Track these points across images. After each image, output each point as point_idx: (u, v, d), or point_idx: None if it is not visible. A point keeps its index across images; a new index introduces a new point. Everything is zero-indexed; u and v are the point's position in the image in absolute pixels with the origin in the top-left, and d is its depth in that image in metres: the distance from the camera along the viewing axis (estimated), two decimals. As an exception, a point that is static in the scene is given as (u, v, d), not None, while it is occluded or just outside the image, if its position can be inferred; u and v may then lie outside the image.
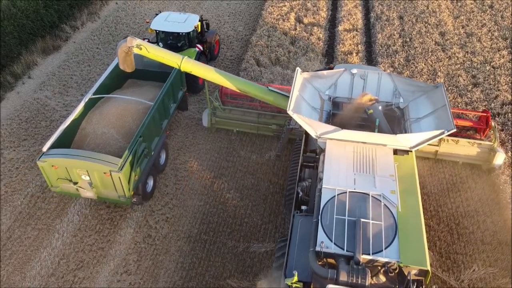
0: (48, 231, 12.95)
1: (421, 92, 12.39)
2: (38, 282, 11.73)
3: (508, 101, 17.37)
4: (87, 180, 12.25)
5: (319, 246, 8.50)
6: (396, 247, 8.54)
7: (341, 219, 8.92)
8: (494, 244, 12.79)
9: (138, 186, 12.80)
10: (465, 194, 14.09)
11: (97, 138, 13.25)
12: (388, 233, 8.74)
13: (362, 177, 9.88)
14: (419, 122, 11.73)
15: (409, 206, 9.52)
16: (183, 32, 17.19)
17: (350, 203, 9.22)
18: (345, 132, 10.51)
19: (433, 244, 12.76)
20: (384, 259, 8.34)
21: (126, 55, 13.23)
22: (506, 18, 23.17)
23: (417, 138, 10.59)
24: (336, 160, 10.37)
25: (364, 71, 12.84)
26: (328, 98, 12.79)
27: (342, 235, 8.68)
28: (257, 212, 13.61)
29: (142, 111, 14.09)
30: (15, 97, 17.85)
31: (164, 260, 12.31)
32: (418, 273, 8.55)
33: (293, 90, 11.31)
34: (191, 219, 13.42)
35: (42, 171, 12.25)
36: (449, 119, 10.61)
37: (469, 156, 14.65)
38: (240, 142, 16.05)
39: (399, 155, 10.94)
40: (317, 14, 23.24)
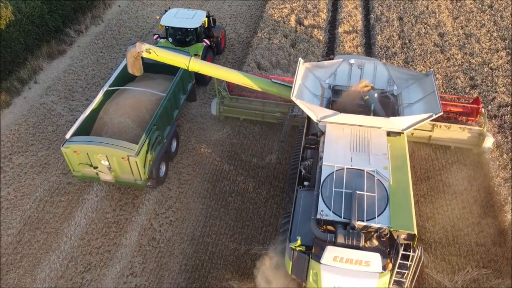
0: (57, 235, 13.45)
1: (413, 80, 13.40)
2: (48, 284, 12.24)
3: (505, 103, 17.65)
4: (106, 164, 13.29)
5: (320, 214, 9.54)
6: (387, 215, 9.53)
7: (339, 192, 9.93)
8: (488, 246, 13.17)
9: (152, 171, 13.87)
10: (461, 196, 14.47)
11: (114, 127, 14.30)
12: (381, 203, 9.73)
13: (358, 155, 10.88)
14: (411, 107, 12.69)
15: (399, 180, 10.52)
16: (191, 27, 18.16)
17: (347, 178, 10.22)
18: (343, 116, 11.53)
19: (428, 246, 13.16)
20: (376, 225, 9.36)
21: (135, 59, 13.80)
22: (505, 18, 23.35)
23: (408, 121, 11.58)
24: (335, 141, 11.34)
25: (361, 61, 13.89)
26: (328, 86, 13.83)
27: (339, 205, 9.68)
28: (258, 215, 14.04)
29: (155, 102, 15.05)
30: (22, 102, 18.31)
31: (168, 262, 12.78)
32: (407, 237, 9.50)
33: (296, 79, 12.29)
34: (194, 222, 13.87)
35: (65, 157, 13.30)
36: (437, 104, 11.55)
37: (461, 140, 15.61)
38: (241, 146, 16.45)
39: (392, 136, 11.86)
40: (317, 15, 23.50)
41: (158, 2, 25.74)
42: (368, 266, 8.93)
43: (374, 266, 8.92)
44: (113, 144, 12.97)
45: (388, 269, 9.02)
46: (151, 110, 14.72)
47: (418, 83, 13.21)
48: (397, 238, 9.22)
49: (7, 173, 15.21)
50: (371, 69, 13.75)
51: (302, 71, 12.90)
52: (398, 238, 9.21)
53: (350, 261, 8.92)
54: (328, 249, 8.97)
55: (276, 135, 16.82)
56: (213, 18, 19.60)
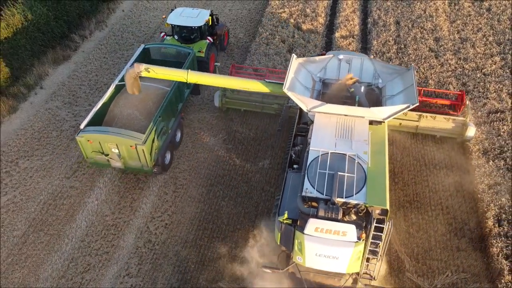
0: (59, 237, 14.30)
1: (396, 74, 14.43)
2: (50, 283, 13.11)
3: (494, 109, 17.98)
4: (116, 152, 14.61)
5: (305, 192, 10.73)
6: (364, 192, 10.68)
7: (322, 173, 11.08)
8: (469, 251, 13.69)
9: (158, 158, 15.29)
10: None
11: (124, 118, 15.58)
12: (359, 182, 10.89)
13: (342, 141, 11.98)
14: (392, 98, 13.65)
15: (377, 163, 11.63)
16: (195, 26, 19.35)
17: (330, 161, 11.37)
18: (330, 106, 12.64)
19: (411, 250, 13.72)
20: (354, 201, 10.53)
21: (134, 80, 14.43)
22: (502, 21, 23.52)
23: (388, 111, 12.64)
24: (322, 129, 12.45)
25: (349, 56, 14.99)
26: (319, 80, 14.87)
27: (322, 184, 10.84)
28: (249, 219, 14.72)
29: (161, 95, 16.24)
30: (28, 107, 19.18)
31: (162, 264, 13.55)
32: (381, 213, 10.54)
33: (288, 73, 13.35)
34: (188, 225, 14.61)
35: (80, 145, 14.69)
36: (415, 95, 12.54)
37: (445, 130, 16.82)
38: (235, 151, 17.12)
39: (374, 125, 12.93)
40: (315, 20, 23.91)
41: (160, 6, 26.39)
42: (344, 236, 10.07)
43: (350, 236, 10.06)
44: (122, 133, 14.34)
45: (362, 239, 10.17)
46: (157, 103, 15.92)
47: (400, 77, 14.26)
48: (372, 213, 10.36)
49: (13, 177, 16.10)
50: (358, 64, 14.89)
51: (295, 66, 14.05)
52: (372, 212, 10.37)
53: (329, 231, 10.10)
54: (311, 221, 10.14)
55: (270, 140, 17.49)
56: (216, 17, 20.88)
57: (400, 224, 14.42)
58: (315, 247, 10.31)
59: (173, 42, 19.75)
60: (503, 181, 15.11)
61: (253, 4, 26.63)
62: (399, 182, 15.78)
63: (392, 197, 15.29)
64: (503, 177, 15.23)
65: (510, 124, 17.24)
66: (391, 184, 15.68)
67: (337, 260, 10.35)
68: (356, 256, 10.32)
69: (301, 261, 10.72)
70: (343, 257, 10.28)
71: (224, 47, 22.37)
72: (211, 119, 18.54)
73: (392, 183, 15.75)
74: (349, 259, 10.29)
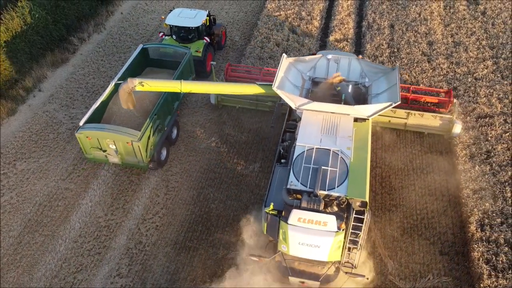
0: (53, 237, 14.76)
1: (382, 73, 15.06)
2: (43, 283, 13.58)
3: (484, 114, 18.18)
4: (114, 148, 15.29)
5: (290, 185, 11.31)
6: (345, 186, 11.24)
7: (307, 167, 11.63)
8: (451, 255, 13.98)
9: (154, 154, 15.92)
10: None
11: (121, 116, 16.31)
12: (341, 176, 11.47)
13: (327, 137, 12.55)
14: (377, 96, 14.27)
15: (359, 158, 12.23)
16: (192, 26, 20.00)
17: (315, 156, 11.92)
18: (316, 103, 13.27)
19: (394, 254, 14.03)
20: (336, 193, 11.11)
21: (128, 95, 14.75)
22: (496, 25, 23.63)
23: (371, 109, 13.21)
24: (309, 125, 13.02)
25: (338, 56, 15.63)
26: (308, 78, 15.47)
27: (307, 178, 11.40)
28: (238, 221, 15.06)
29: (157, 94, 16.65)
30: (26, 110, 19.66)
31: (152, 265, 13.97)
32: (361, 205, 11.09)
33: (278, 72, 14.01)
34: (178, 227, 15.01)
35: (79, 141, 15.41)
36: (397, 94, 13.15)
37: (433, 127, 17.35)
38: (227, 154, 17.48)
39: (359, 122, 13.50)
40: (310, 23, 24.17)
41: (158, 8, 26.76)
42: (325, 226, 10.65)
43: (330, 226, 10.64)
44: (119, 130, 15.01)
45: (342, 229, 10.73)
46: (154, 101, 16.51)
47: (385, 76, 14.85)
48: (352, 205, 10.98)
49: (10, 179, 16.59)
50: (346, 64, 15.50)
51: (285, 65, 14.72)
52: (352, 204, 10.99)
53: (311, 221, 10.68)
54: (294, 212, 10.72)
55: (261, 143, 17.84)
56: (214, 18, 21.58)
57: (385, 227, 14.73)
58: (298, 236, 10.89)
59: (171, 42, 20.38)
60: (488, 186, 15.34)
61: (249, 6, 26.93)
62: (386, 186, 16.06)
63: (378, 200, 15.64)
64: (488, 182, 15.45)
65: (498, 129, 17.43)
66: (379, 188, 16.02)
67: (318, 248, 10.95)
68: (336, 245, 10.90)
69: (286, 249, 11.32)
70: (324, 245, 10.87)
71: (221, 47, 23.06)
72: (205, 122, 18.91)
73: (379, 187, 16.07)
74: (329, 247, 10.88)
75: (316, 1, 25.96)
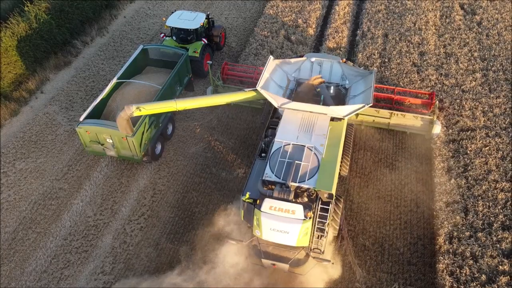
0: (45, 234, 15.80)
1: (361, 76, 16.21)
2: (33, 277, 14.62)
3: (466, 127, 18.51)
4: (111, 142, 16.53)
5: (265, 176, 12.53)
6: (315, 179, 12.39)
7: (282, 161, 12.84)
8: (419, 266, 14.53)
9: (148, 149, 17.14)
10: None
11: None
12: (312, 170, 12.62)
13: (304, 134, 13.68)
14: (354, 98, 15.40)
15: (331, 154, 13.37)
16: (191, 28, 21.20)
17: (291, 151, 13.10)
18: (296, 103, 14.50)
19: (364, 262, 14.65)
20: (306, 185, 12.26)
21: (127, 121, 15.43)
22: (491, 36, 23.77)
23: (346, 109, 14.37)
24: (288, 123, 14.17)
25: (321, 59, 16.85)
26: (293, 79, 16.72)
27: (281, 170, 12.62)
28: (217, 225, 15.81)
29: (154, 93, 17.93)
30: (28, 111, 20.76)
31: (134, 264, 14.88)
32: (328, 196, 12.24)
33: (263, 72, 15.20)
34: (162, 229, 15.88)
35: (79, 135, 16.69)
36: (370, 96, 14.35)
37: (414, 127, 18.22)
38: (214, 159, 18.26)
39: (335, 121, 14.61)
40: (305, 31, 24.68)
41: (160, 13, 27.59)
42: (294, 214, 11.77)
43: (298, 214, 11.74)
44: (114, 126, 15.97)
45: (309, 217, 11.78)
46: (150, 100, 17.56)
47: (363, 79, 15.89)
48: (319, 196, 12.15)
49: (9, 177, 17.69)
50: (328, 67, 16.68)
51: (271, 66, 15.86)
52: (320, 195, 12.16)
53: (281, 210, 11.84)
54: (266, 201, 11.93)
55: (247, 150, 18.57)
56: (212, 20, 22.95)
57: (358, 236, 15.34)
58: (269, 223, 11.96)
59: (171, 43, 21.62)
60: (462, 200, 15.77)
61: (249, 12, 27.57)
62: (363, 196, 16.63)
63: (354, 210, 16.22)
64: (462, 196, 15.87)
65: (479, 142, 17.76)
66: (356, 197, 16.60)
67: (287, 234, 11.97)
68: (304, 232, 11.91)
69: (259, 234, 12.39)
70: (293, 232, 11.89)
71: (221, 47, 24.11)
72: (195, 128, 19.72)
73: (357, 196, 16.64)
74: (297, 234, 11.90)
75: (314, 8, 26.44)
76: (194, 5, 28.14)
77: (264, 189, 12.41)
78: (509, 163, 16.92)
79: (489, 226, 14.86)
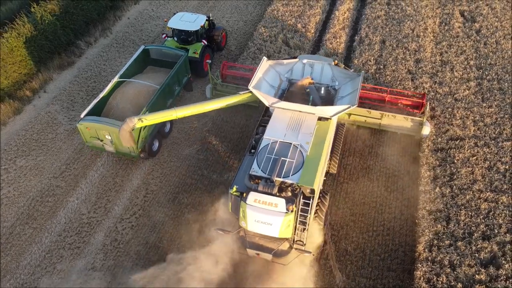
0: (41, 230, 16.52)
1: (349, 78, 16.78)
2: (27, 270, 15.35)
3: (455, 136, 18.71)
4: (109, 139, 17.27)
5: (252, 171, 13.19)
6: (298, 175, 12.98)
7: (269, 157, 13.48)
8: (398, 272, 14.88)
9: (145, 146, 17.84)
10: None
11: (119, 111, 18.33)
12: (297, 167, 13.21)
13: (291, 132, 14.29)
14: (342, 99, 16.02)
15: (316, 152, 13.89)
16: (191, 30, 21.94)
17: (278, 148, 13.75)
18: (285, 103, 15.16)
19: (344, 266, 15.06)
20: (289, 181, 12.90)
21: (130, 134, 15.98)
22: (488, 45, 23.82)
23: (333, 110, 15.01)
24: (277, 121, 14.81)
25: (312, 61, 17.40)
26: (286, 79, 17.39)
27: (267, 166, 13.26)
28: (206, 227, 16.38)
29: (152, 92, 18.75)
30: (31, 110, 21.54)
31: (124, 261, 15.50)
32: (310, 191, 12.86)
33: (256, 72, 15.95)
34: (151, 228, 16.48)
35: (80, 131, 17.60)
36: (356, 98, 14.93)
37: (405, 128, 18.57)
38: (205, 162, 18.79)
39: (323, 121, 15.11)
40: (304, 36, 25.02)
41: (164, 15, 28.16)
42: (276, 207, 12.44)
43: (280, 208, 12.44)
44: (113, 123, 16.89)
45: (291, 211, 12.45)
46: (148, 98, 18.38)
47: (352, 81, 16.42)
48: (301, 191, 12.84)
49: (10, 174, 18.47)
50: (319, 68, 17.27)
51: (264, 67, 16.61)
52: (303, 190, 12.86)
53: (265, 203, 12.50)
54: (251, 194, 12.61)
55: (239, 153, 19.03)
56: (213, 21, 23.83)
57: (340, 241, 15.74)
58: (254, 215, 12.63)
59: (173, 43, 22.48)
60: (445, 208, 16.05)
61: (250, 16, 27.99)
62: (348, 202, 17.01)
63: (339, 215, 16.61)
64: (445, 205, 16.16)
65: (467, 152, 17.98)
66: (341, 203, 16.99)
67: (270, 226, 12.65)
68: (286, 224, 12.56)
69: (245, 225, 13.08)
70: (275, 224, 12.57)
71: (221, 48, 24.85)
72: (189, 130, 20.28)
73: (343, 202, 17.03)
74: (280, 226, 12.56)
75: (314, 13, 26.74)
76: (197, 7, 28.66)
77: (250, 183, 13.09)
78: (495, 173, 17.15)
79: (469, 236, 15.15)
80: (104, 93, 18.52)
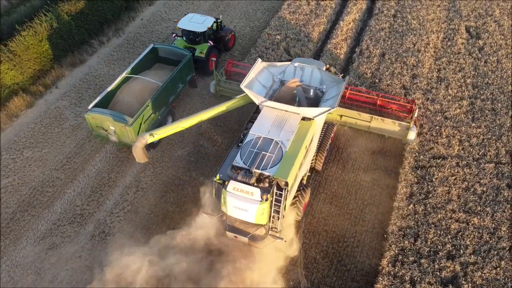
0: (38, 217, 18.07)
1: (335, 82, 17.92)
2: (23, 253, 16.91)
3: (438, 155, 19.10)
4: (113, 129, 18.82)
5: (234, 162, 14.44)
6: (276, 168, 14.17)
7: (251, 150, 14.69)
8: (361, 283, 15.60)
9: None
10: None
11: (124, 104, 19.80)
12: (275, 161, 14.41)
13: (275, 130, 15.45)
14: (326, 101, 17.08)
15: (294, 149, 14.96)
16: (199, 31, 23.46)
17: (261, 143, 14.94)
18: (272, 102, 16.35)
19: (310, 274, 15.89)
20: (267, 173, 14.06)
21: (142, 150, 17.22)
22: (489, 63, 23.85)
23: (315, 111, 15.96)
24: (264, 119, 15.96)
25: (303, 64, 18.52)
26: (278, 80, 18.63)
27: (249, 158, 14.46)
28: (188, 226, 17.51)
29: (155, 88, 20.22)
30: (42, 104, 23.18)
31: (108, 252, 16.82)
32: (285, 184, 13.97)
33: (250, 73, 17.17)
34: (138, 223, 17.75)
35: (87, 121, 19.21)
36: (336, 102, 16.04)
37: (392, 131, 19.78)
38: (195, 164, 19.90)
39: (306, 121, 16.10)
40: (305, 45, 25.63)
41: (175, 16, 29.30)
42: (252, 196, 13.73)
43: (255, 196, 13.71)
44: (116, 116, 18.52)
45: (265, 200, 13.68)
46: (151, 94, 19.82)
47: (337, 85, 17.54)
48: (276, 182, 14.03)
49: (16, 163, 20.13)
50: (309, 71, 18.42)
51: (258, 68, 17.78)
52: (278, 182, 14.04)
53: (242, 191, 13.81)
54: (231, 182, 13.95)
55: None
56: (221, 23, 25.23)
57: (310, 249, 16.56)
58: (233, 201, 13.96)
59: (181, 43, 24.10)
60: (415, 225, 16.60)
61: (257, 22, 28.79)
62: (324, 212, 17.76)
63: (314, 224, 17.40)
64: (416, 222, 16.70)
65: (447, 171, 18.38)
66: (317, 213, 17.75)
67: (247, 212, 13.95)
68: (260, 212, 13.88)
69: (225, 210, 14.43)
70: (251, 210, 13.87)
71: (229, 48, 26.29)
72: (184, 132, 21.30)
73: (319, 211, 17.79)
74: (255, 212, 13.87)
75: (319, 22, 27.29)
76: (208, 10, 29.66)
77: (232, 173, 14.37)
78: (471, 194, 17.52)
79: (434, 254, 15.69)
80: (112, 87, 20.02)
